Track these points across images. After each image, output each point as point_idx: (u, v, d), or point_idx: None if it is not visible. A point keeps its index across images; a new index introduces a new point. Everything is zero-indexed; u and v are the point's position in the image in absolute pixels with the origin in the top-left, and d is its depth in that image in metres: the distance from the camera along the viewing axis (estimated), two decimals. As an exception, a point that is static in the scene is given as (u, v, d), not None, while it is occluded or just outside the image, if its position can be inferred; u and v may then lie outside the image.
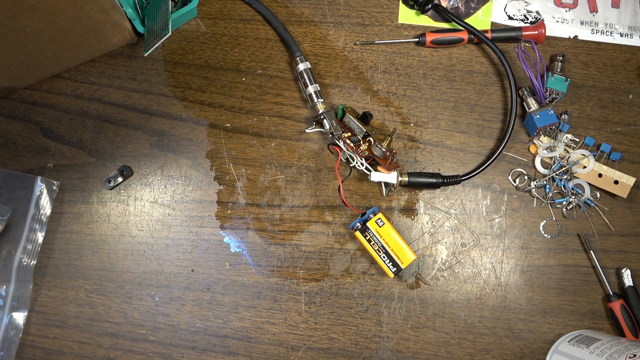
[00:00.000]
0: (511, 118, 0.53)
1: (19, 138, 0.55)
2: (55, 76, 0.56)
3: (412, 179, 0.52)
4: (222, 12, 0.57)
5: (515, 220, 0.54)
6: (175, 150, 0.55)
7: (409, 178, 0.52)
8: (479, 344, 0.52)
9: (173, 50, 0.56)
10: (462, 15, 0.57)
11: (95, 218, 0.54)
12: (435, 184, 0.52)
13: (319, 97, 0.53)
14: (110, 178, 0.54)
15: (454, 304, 0.53)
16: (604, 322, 0.53)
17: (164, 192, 0.54)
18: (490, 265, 0.53)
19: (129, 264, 0.53)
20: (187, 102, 0.55)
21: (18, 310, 0.52)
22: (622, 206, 0.54)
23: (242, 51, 0.56)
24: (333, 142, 0.52)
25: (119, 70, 0.56)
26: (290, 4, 0.57)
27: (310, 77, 0.53)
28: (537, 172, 0.55)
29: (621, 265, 0.53)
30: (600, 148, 0.54)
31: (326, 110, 0.52)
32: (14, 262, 0.52)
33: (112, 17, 0.50)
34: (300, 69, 0.53)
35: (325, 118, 0.51)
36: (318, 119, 0.52)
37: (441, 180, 0.52)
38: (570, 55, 0.56)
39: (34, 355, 0.52)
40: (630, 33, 0.57)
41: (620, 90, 0.56)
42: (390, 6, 0.57)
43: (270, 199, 0.54)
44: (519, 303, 0.53)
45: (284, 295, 0.53)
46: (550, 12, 0.57)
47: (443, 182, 0.52)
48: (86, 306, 0.53)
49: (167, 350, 0.52)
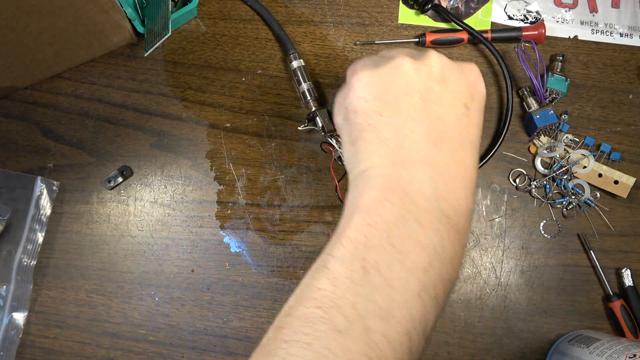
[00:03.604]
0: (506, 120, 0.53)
1: (19, 138, 0.55)
2: (55, 76, 0.56)
3: None
4: (222, 12, 0.57)
5: (515, 220, 0.54)
6: (175, 150, 0.55)
7: None
8: (479, 344, 0.52)
9: (173, 50, 0.56)
10: (462, 16, 0.57)
11: (95, 218, 0.54)
12: None
13: (312, 95, 0.52)
14: (110, 178, 0.54)
15: (454, 304, 0.53)
16: (604, 322, 0.53)
17: (164, 192, 0.54)
18: (490, 265, 0.53)
19: (129, 264, 0.53)
20: (187, 102, 0.55)
21: (18, 310, 0.52)
22: (622, 206, 0.54)
23: (242, 51, 0.56)
24: (326, 140, 0.52)
25: (119, 70, 0.56)
26: (290, 4, 0.57)
27: (303, 74, 0.53)
28: (537, 172, 0.55)
29: (621, 265, 0.53)
30: (600, 148, 0.54)
31: (319, 108, 0.52)
32: (14, 262, 0.52)
33: (112, 17, 0.50)
34: (294, 67, 0.53)
35: (317, 116, 0.51)
36: (311, 116, 0.52)
37: None
38: (570, 55, 0.56)
39: (34, 355, 0.52)
40: (630, 33, 0.57)
41: (620, 90, 0.56)
42: (390, 6, 0.57)
43: (270, 199, 0.54)
44: (519, 303, 0.53)
45: (284, 295, 0.53)
46: (550, 12, 0.57)
47: None
48: (86, 306, 0.53)
49: (167, 350, 0.52)
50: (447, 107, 0.32)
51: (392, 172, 0.30)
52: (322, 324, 0.27)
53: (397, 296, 0.27)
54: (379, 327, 0.27)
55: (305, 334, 0.27)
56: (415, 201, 0.29)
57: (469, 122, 0.33)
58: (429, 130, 0.31)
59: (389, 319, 0.27)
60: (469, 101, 0.33)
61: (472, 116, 0.33)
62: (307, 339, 0.26)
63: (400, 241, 0.28)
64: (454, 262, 0.30)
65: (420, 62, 0.33)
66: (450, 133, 0.32)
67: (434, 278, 0.28)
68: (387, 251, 0.28)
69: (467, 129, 0.32)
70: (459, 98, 0.33)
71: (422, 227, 0.29)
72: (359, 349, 0.26)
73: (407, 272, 0.28)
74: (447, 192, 0.30)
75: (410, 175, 0.30)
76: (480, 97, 0.34)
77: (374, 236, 0.29)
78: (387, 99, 0.32)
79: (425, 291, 0.28)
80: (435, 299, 0.29)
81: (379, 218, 0.29)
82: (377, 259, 0.28)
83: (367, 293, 0.27)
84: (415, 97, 0.32)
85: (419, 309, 0.28)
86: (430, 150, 0.31)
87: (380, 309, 0.27)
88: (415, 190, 0.30)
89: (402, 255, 0.28)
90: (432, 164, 0.30)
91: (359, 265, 0.28)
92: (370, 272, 0.28)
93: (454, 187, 0.31)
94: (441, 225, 0.29)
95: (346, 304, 0.27)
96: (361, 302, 0.27)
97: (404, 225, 0.29)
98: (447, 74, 0.33)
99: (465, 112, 0.32)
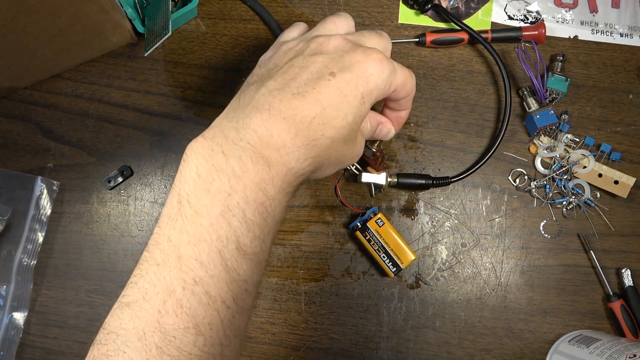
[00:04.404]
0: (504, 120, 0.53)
1: (19, 138, 0.55)
2: (55, 76, 0.56)
3: (401, 180, 0.52)
4: (222, 12, 0.57)
5: (515, 220, 0.54)
6: (175, 150, 0.55)
7: (398, 179, 0.52)
8: (479, 344, 0.52)
9: (173, 50, 0.56)
10: (462, 16, 0.57)
11: (95, 218, 0.54)
12: (425, 185, 0.52)
13: None
14: (110, 178, 0.54)
15: (454, 304, 0.53)
16: (604, 322, 0.53)
17: (164, 192, 0.54)
18: (490, 265, 0.53)
19: (129, 264, 0.53)
20: (187, 102, 0.55)
21: (18, 310, 0.52)
22: (622, 206, 0.54)
23: (242, 51, 0.56)
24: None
25: (119, 70, 0.56)
26: (290, 4, 0.57)
27: None
28: (537, 172, 0.55)
29: (621, 265, 0.53)
30: (600, 148, 0.54)
31: None
32: (14, 262, 0.52)
33: (112, 17, 0.50)
34: None
35: None
36: None
37: (430, 181, 0.52)
38: (570, 55, 0.56)
39: (34, 355, 0.52)
40: (630, 33, 0.57)
41: (620, 90, 0.56)
42: (390, 6, 0.57)
43: (270, 199, 0.54)
44: (519, 303, 0.53)
45: (284, 295, 0.53)
46: (550, 12, 0.57)
47: (432, 183, 0.52)
48: (86, 306, 0.53)
49: (167, 350, 0.52)
50: (308, 72, 0.35)
51: (223, 117, 0.36)
52: (146, 262, 0.31)
53: (204, 221, 0.31)
54: (191, 253, 0.31)
55: (135, 275, 0.31)
56: (225, 134, 0.33)
57: (326, 86, 0.35)
58: (275, 83, 0.35)
59: (198, 244, 0.31)
60: (339, 71, 0.36)
61: (335, 84, 0.35)
62: (134, 279, 0.31)
63: (206, 171, 0.32)
64: (261, 186, 0.33)
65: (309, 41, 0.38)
66: (295, 89, 0.35)
67: (238, 200, 0.32)
68: (195, 182, 0.32)
69: (320, 91, 0.35)
70: (328, 67, 0.36)
71: (225, 156, 0.32)
72: (173, 275, 0.30)
73: (211, 197, 0.31)
74: (260, 127, 0.33)
75: (234, 116, 0.35)
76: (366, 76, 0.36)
77: (186, 171, 0.33)
78: (269, 67, 0.38)
79: (230, 212, 0.31)
80: (244, 218, 0.32)
81: (192, 153, 0.33)
82: (188, 191, 0.32)
83: (180, 225, 0.31)
84: (286, 64, 0.37)
85: (226, 229, 0.31)
86: (263, 96, 0.35)
87: (190, 235, 0.31)
88: (229, 126, 0.34)
89: (207, 184, 0.32)
90: (257, 105, 0.34)
91: (175, 201, 0.32)
92: (183, 205, 0.32)
93: (272, 124, 0.33)
94: (244, 153, 0.33)
95: (163, 240, 0.31)
96: (175, 235, 0.31)
97: (211, 156, 0.33)
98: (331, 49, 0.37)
99: (328, 78, 0.35)
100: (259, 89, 0.35)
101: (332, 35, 0.38)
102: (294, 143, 0.34)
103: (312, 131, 0.34)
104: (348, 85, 0.35)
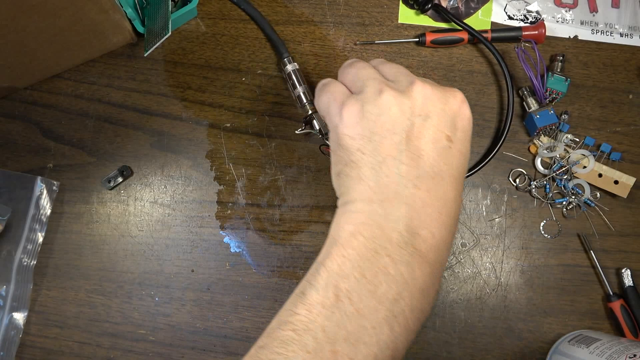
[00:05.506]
0: (507, 120, 0.53)
1: (19, 138, 0.55)
2: (55, 76, 0.56)
3: None
4: (222, 12, 0.57)
5: (515, 220, 0.54)
6: (175, 150, 0.55)
7: None
8: (479, 344, 0.52)
9: (173, 50, 0.56)
10: (462, 15, 0.57)
11: (95, 218, 0.54)
12: None
13: (307, 98, 0.52)
14: (110, 178, 0.54)
15: (454, 304, 0.53)
16: (604, 322, 0.53)
17: (164, 192, 0.54)
18: (490, 265, 0.53)
19: (129, 264, 0.53)
20: (187, 102, 0.55)
21: (18, 310, 0.52)
22: (622, 206, 0.54)
23: (242, 51, 0.56)
24: (324, 142, 0.52)
25: (119, 70, 0.56)
26: (290, 4, 0.57)
27: (298, 78, 0.53)
28: (537, 172, 0.55)
29: (621, 265, 0.53)
30: (600, 148, 0.54)
31: (315, 111, 0.52)
32: (14, 262, 0.52)
33: (112, 17, 0.50)
34: (289, 70, 0.53)
35: (314, 118, 0.51)
36: (307, 119, 0.52)
37: None
38: (570, 55, 0.56)
39: (34, 355, 0.52)
40: (630, 33, 0.57)
41: (620, 90, 0.56)
42: (390, 6, 0.57)
43: (270, 199, 0.54)
44: (519, 303, 0.53)
45: (284, 295, 0.53)
46: (550, 12, 0.57)
47: None
48: (86, 306, 0.53)
49: (167, 350, 0.52)
50: (429, 143, 0.33)
51: (369, 209, 0.33)
52: (294, 345, 0.30)
53: (366, 323, 0.30)
54: (346, 350, 0.29)
55: (279, 354, 0.30)
56: (388, 236, 0.32)
57: (451, 155, 0.34)
58: (409, 168, 0.33)
59: (356, 344, 0.30)
60: (452, 132, 0.34)
61: (456, 148, 0.34)
62: (280, 358, 0.30)
63: (371, 273, 0.31)
64: (425, 293, 0.32)
65: (404, 97, 0.34)
66: (431, 170, 0.33)
67: (404, 307, 0.31)
68: (359, 281, 0.31)
69: (449, 163, 0.34)
70: (442, 130, 0.34)
71: (393, 260, 0.31)
72: None
73: (377, 301, 0.30)
74: (421, 228, 0.32)
75: (386, 212, 0.32)
76: (464, 124, 0.35)
77: (347, 267, 0.31)
78: (371, 137, 0.34)
79: (395, 319, 0.30)
80: (405, 327, 0.31)
81: (353, 251, 0.31)
82: (349, 288, 0.30)
83: (337, 319, 0.30)
84: (398, 136, 0.33)
85: (387, 336, 0.30)
86: (408, 189, 0.32)
87: (348, 333, 0.30)
88: (389, 227, 0.32)
89: (373, 286, 0.30)
90: (409, 202, 0.32)
91: (332, 293, 0.31)
92: (342, 300, 0.30)
93: (429, 223, 0.32)
94: (412, 259, 0.31)
95: (317, 328, 0.30)
96: (331, 327, 0.30)
97: (375, 258, 0.31)
98: (430, 106, 0.34)
99: (448, 145, 0.34)
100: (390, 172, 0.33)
101: (413, 83, 0.35)
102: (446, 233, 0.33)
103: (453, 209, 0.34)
104: (464, 144, 0.35)
